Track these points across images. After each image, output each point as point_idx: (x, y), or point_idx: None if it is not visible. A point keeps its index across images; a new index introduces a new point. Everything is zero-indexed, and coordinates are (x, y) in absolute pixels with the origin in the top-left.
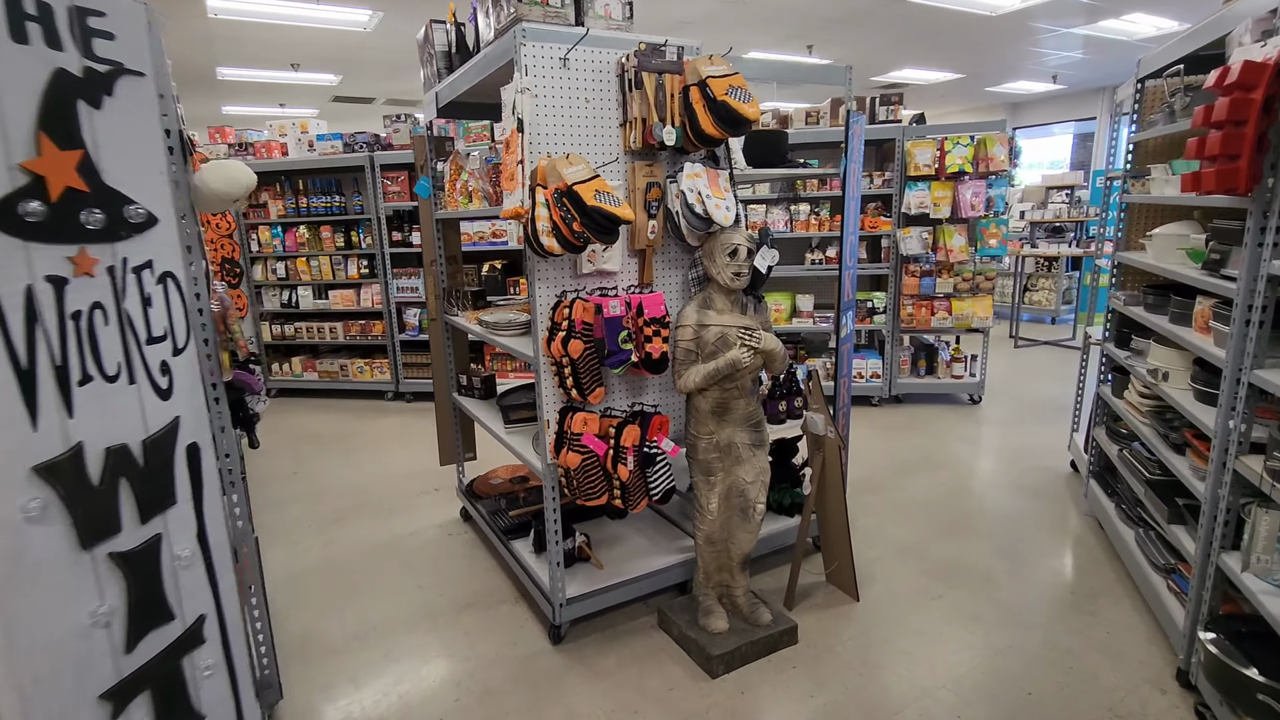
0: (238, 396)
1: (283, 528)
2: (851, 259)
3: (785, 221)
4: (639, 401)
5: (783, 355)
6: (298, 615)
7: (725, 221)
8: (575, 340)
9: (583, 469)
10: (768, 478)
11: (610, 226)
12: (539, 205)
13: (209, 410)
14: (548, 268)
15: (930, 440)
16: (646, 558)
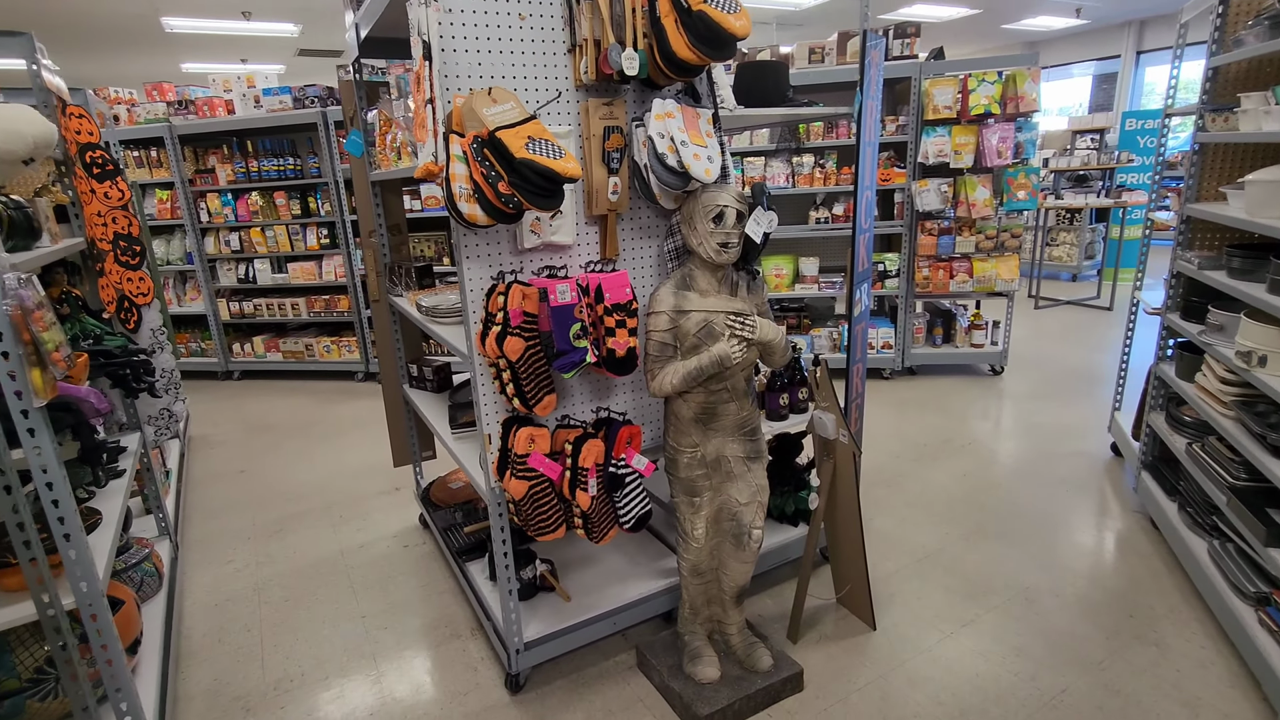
0: (76, 421)
1: (216, 542)
2: (868, 218)
3: (786, 175)
4: (605, 406)
5: (783, 346)
6: (211, 660)
7: (706, 176)
8: (513, 337)
9: (531, 498)
10: (765, 496)
11: (548, 186)
12: (455, 160)
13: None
14: (479, 242)
15: (949, 419)
16: (624, 583)
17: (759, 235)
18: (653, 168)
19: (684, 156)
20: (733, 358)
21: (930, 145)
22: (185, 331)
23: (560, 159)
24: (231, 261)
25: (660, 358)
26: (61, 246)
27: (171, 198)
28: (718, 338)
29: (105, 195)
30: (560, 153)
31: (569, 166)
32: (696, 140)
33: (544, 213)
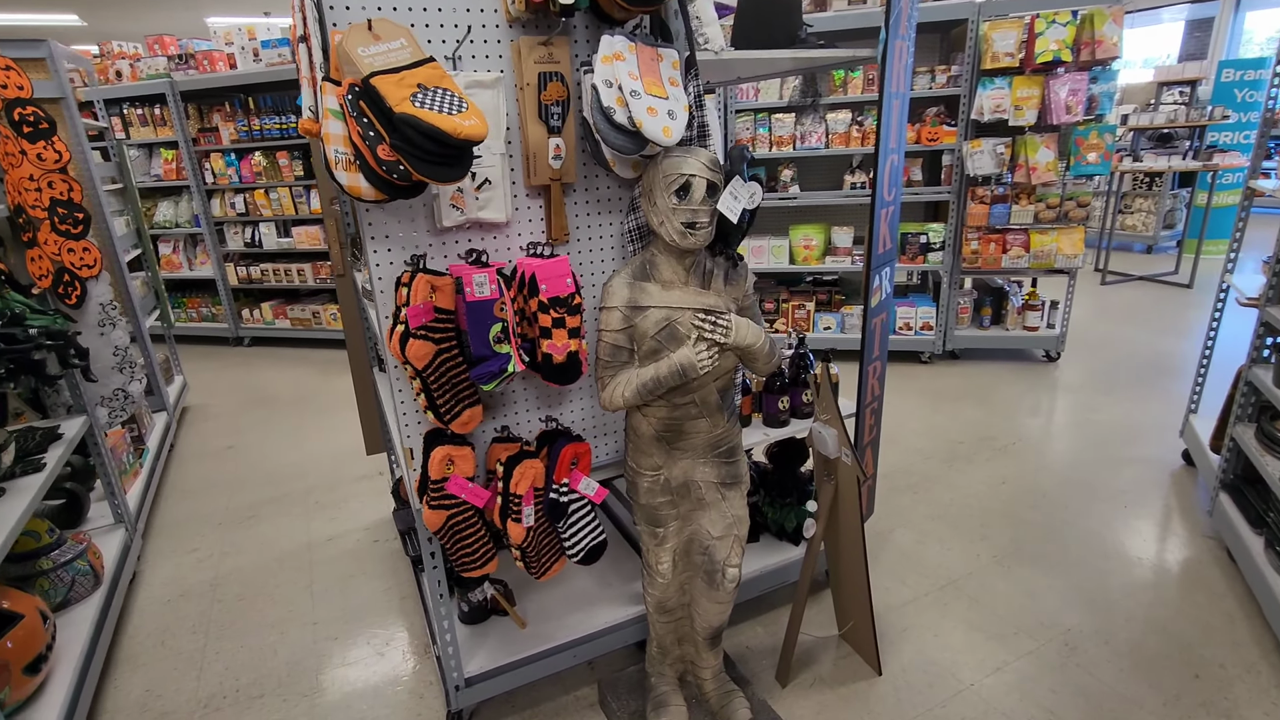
0: None
1: (185, 528)
2: (892, 187)
3: (820, 135)
4: (553, 416)
5: (768, 351)
6: (149, 666)
7: (664, 137)
8: (417, 341)
9: (451, 531)
10: (744, 529)
11: (441, 151)
12: (329, 115)
13: None
14: (388, 219)
15: (991, 414)
16: (591, 609)
17: (736, 213)
18: (596, 125)
19: (635, 111)
20: (699, 366)
21: (987, 99)
22: (196, 296)
23: (455, 114)
24: (238, 225)
25: (612, 364)
26: None
27: (176, 158)
28: (681, 341)
29: (39, 157)
30: (458, 105)
31: (464, 125)
32: (654, 89)
33: (442, 185)
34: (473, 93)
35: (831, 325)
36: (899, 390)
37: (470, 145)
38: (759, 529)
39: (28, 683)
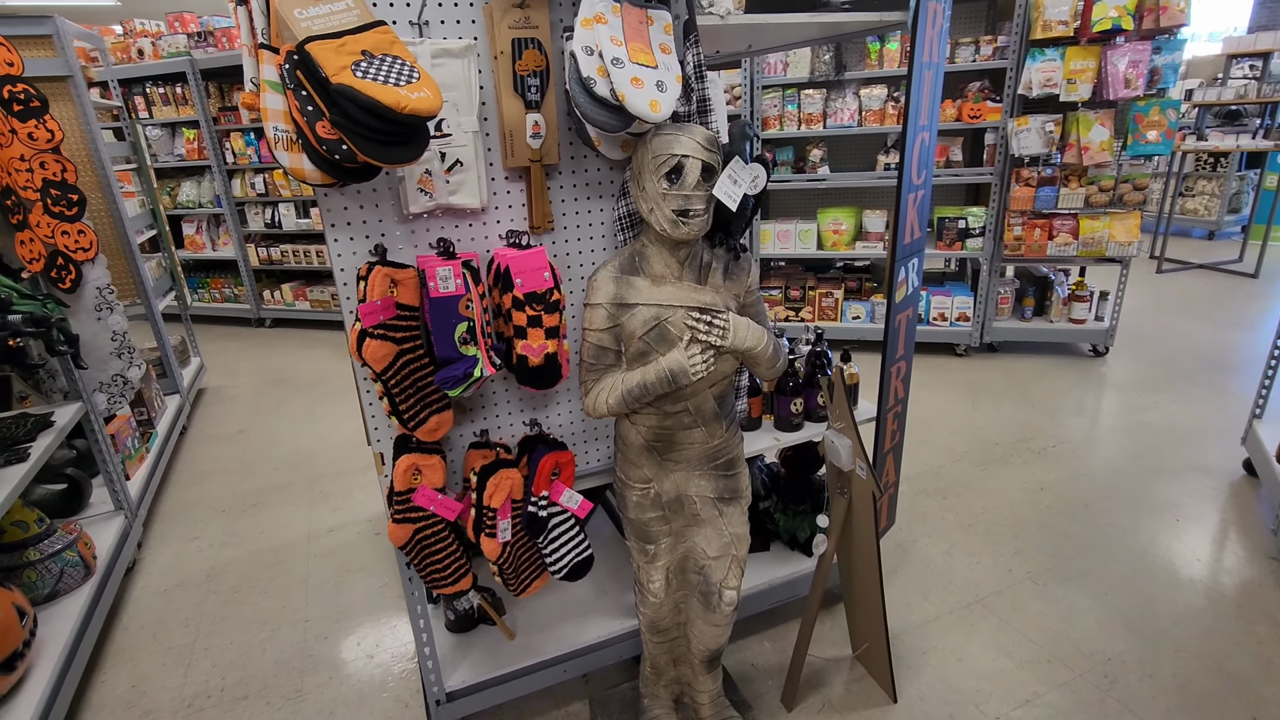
0: None
1: (189, 514)
2: (922, 170)
3: (853, 113)
4: (537, 420)
5: (771, 354)
6: (137, 660)
7: (651, 112)
8: (374, 341)
9: (418, 547)
10: (744, 549)
11: (386, 128)
12: (267, 88)
13: None
14: (349, 204)
15: (1031, 412)
16: (584, 620)
17: (735, 199)
18: (575, 99)
19: (617, 82)
20: (691, 372)
21: (1036, 72)
22: (219, 277)
23: (402, 85)
24: (258, 205)
25: (596, 366)
26: None
27: (198, 137)
28: (672, 343)
29: (30, 136)
30: (406, 76)
31: (409, 97)
32: (641, 57)
33: (393, 167)
34: (440, 63)
35: (861, 315)
36: (931, 384)
37: (419, 121)
38: (769, 537)
39: (2, 681)
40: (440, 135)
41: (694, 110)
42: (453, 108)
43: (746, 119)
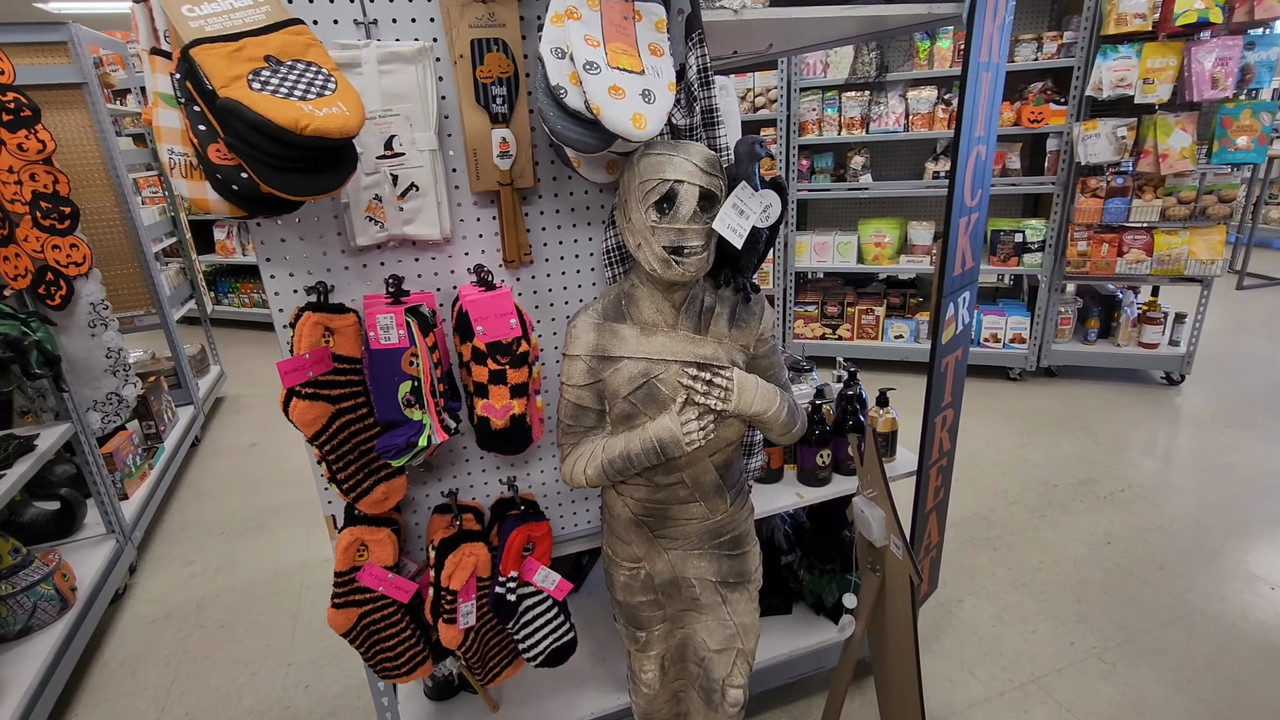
0: None
1: (187, 535)
2: (977, 190)
3: (899, 116)
4: (515, 479)
5: (784, 418)
6: (111, 702)
7: (633, 129)
8: (301, 401)
9: (366, 634)
10: (752, 642)
11: (290, 154)
12: (160, 101)
13: None
14: (284, 233)
15: (1095, 449)
16: (578, 691)
17: (740, 233)
18: (543, 112)
19: (591, 92)
20: (685, 442)
21: (1107, 71)
22: (248, 282)
23: (308, 99)
24: None
25: (574, 428)
26: None
27: None
28: (663, 405)
29: (19, 147)
30: (317, 88)
31: (314, 115)
32: (623, 61)
33: (304, 200)
34: (390, 69)
35: (904, 334)
36: (980, 413)
37: (328, 144)
38: (792, 598)
39: None
40: (391, 155)
41: (697, 123)
42: (405, 122)
43: (756, 136)
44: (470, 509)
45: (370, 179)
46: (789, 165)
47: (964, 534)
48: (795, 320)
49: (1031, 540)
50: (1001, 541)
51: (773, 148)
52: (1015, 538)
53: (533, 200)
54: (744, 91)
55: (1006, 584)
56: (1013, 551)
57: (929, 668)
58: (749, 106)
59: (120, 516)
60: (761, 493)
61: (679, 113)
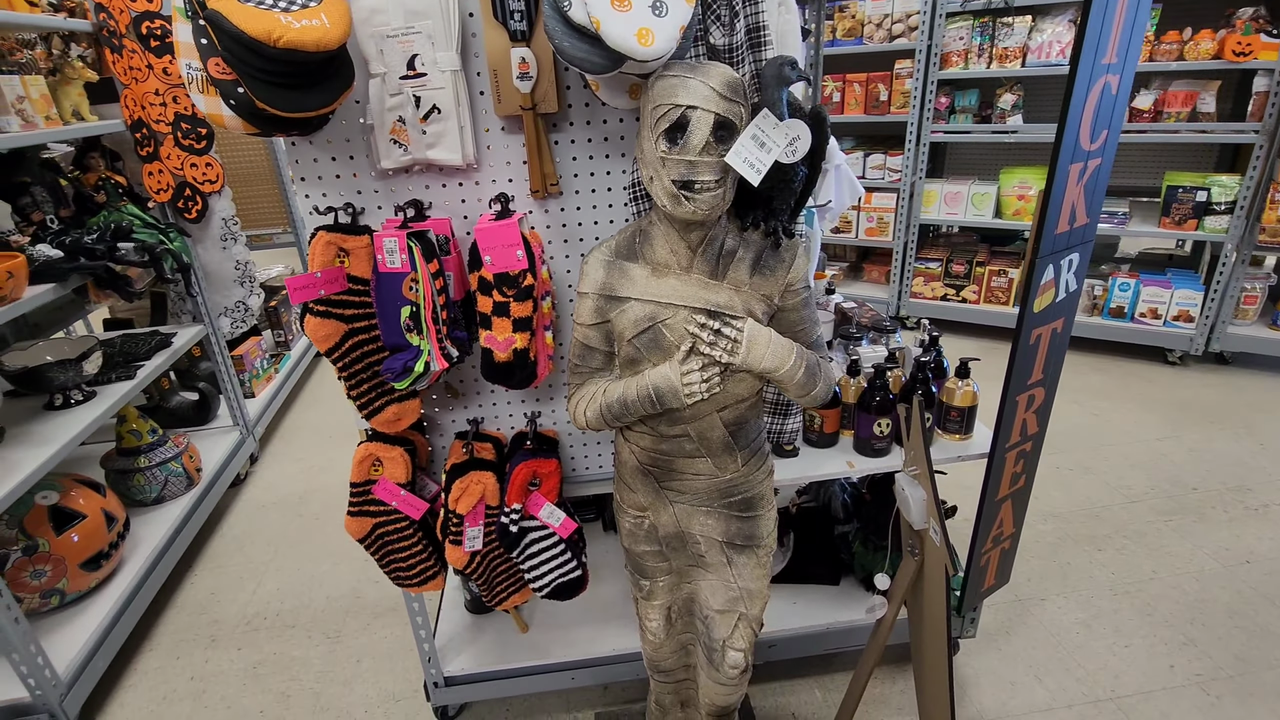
0: None
1: (300, 436)
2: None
3: (1064, 47)
4: (538, 413)
5: (801, 378)
6: (221, 571)
7: (638, 46)
8: (314, 317)
9: (379, 542)
10: (758, 607)
11: (273, 67)
12: (178, 15)
13: None
14: (315, 153)
15: (1259, 452)
16: (604, 626)
17: (759, 169)
18: (547, 27)
19: (593, 4)
20: (684, 393)
21: None
22: None
23: (290, 10)
24: None
25: (581, 368)
26: (61, 130)
27: None
28: (668, 352)
29: (164, 72)
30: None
31: (289, 28)
32: None
33: (294, 115)
34: None
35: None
36: (1119, 396)
37: (304, 58)
38: (842, 570)
39: (87, 577)
40: (414, 75)
41: (739, 43)
42: (427, 41)
43: (788, 56)
44: (492, 439)
45: (394, 100)
46: (923, 103)
47: (1065, 528)
48: (914, 278)
49: (1149, 546)
50: (1109, 542)
51: (907, 82)
52: (1128, 540)
53: (563, 128)
54: (881, 18)
55: (1104, 588)
56: (1121, 555)
57: (990, 665)
58: (885, 35)
59: (244, 412)
60: (809, 456)
61: (718, 30)
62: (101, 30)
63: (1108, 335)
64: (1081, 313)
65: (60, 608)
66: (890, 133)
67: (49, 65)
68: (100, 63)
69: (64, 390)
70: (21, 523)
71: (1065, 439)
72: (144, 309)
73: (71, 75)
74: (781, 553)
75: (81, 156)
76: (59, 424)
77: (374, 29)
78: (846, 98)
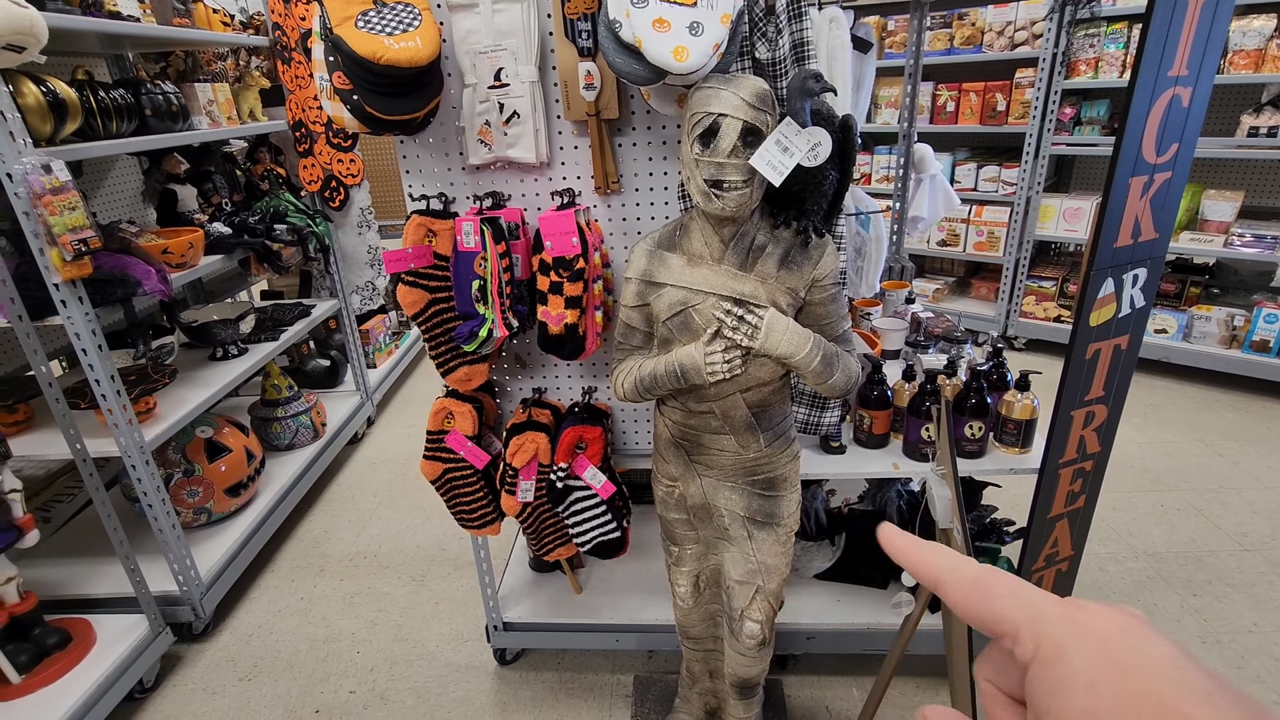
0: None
1: (412, 406)
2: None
3: None
4: (594, 387)
5: (818, 366)
6: (335, 512)
7: (674, 61)
8: (405, 286)
9: (448, 484)
10: (775, 582)
11: (378, 80)
12: (316, 38)
13: None
14: (419, 150)
15: None
16: (652, 596)
17: (781, 171)
18: (602, 44)
19: (636, 24)
20: (706, 371)
21: None
22: None
23: (394, 34)
24: None
25: (624, 345)
26: (191, 133)
27: None
28: (696, 335)
29: None
30: (404, 25)
31: (390, 48)
32: None
33: (396, 119)
34: (501, 8)
35: (1170, 329)
36: (1257, 439)
37: (400, 72)
38: (891, 575)
39: (229, 501)
40: (499, 85)
41: (783, 57)
42: (511, 56)
43: (813, 70)
44: (551, 407)
45: (483, 106)
46: (1044, 113)
47: (1159, 568)
48: (1025, 296)
49: (1255, 597)
50: (1208, 589)
51: (1028, 92)
52: (1231, 589)
53: (626, 132)
54: (1003, 25)
55: (1192, 635)
56: (1220, 603)
57: None
58: (1007, 43)
59: (366, 380)
60: (857, 455)
61: (764, 46)
62: (276, 45)
63: (1249, 371)
64: (1218, 345)
65: (208, 524)
66: (1008, 144)
67: (236, 74)
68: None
69: (224, 345)
70: (185, 450)
71: (1179, 476)
72: (293, 284)
73: (250, 83)
74: (831, 551)
75: (252, 151)
76: (219, 372)
77: (469, 46)
78: (961, 107)
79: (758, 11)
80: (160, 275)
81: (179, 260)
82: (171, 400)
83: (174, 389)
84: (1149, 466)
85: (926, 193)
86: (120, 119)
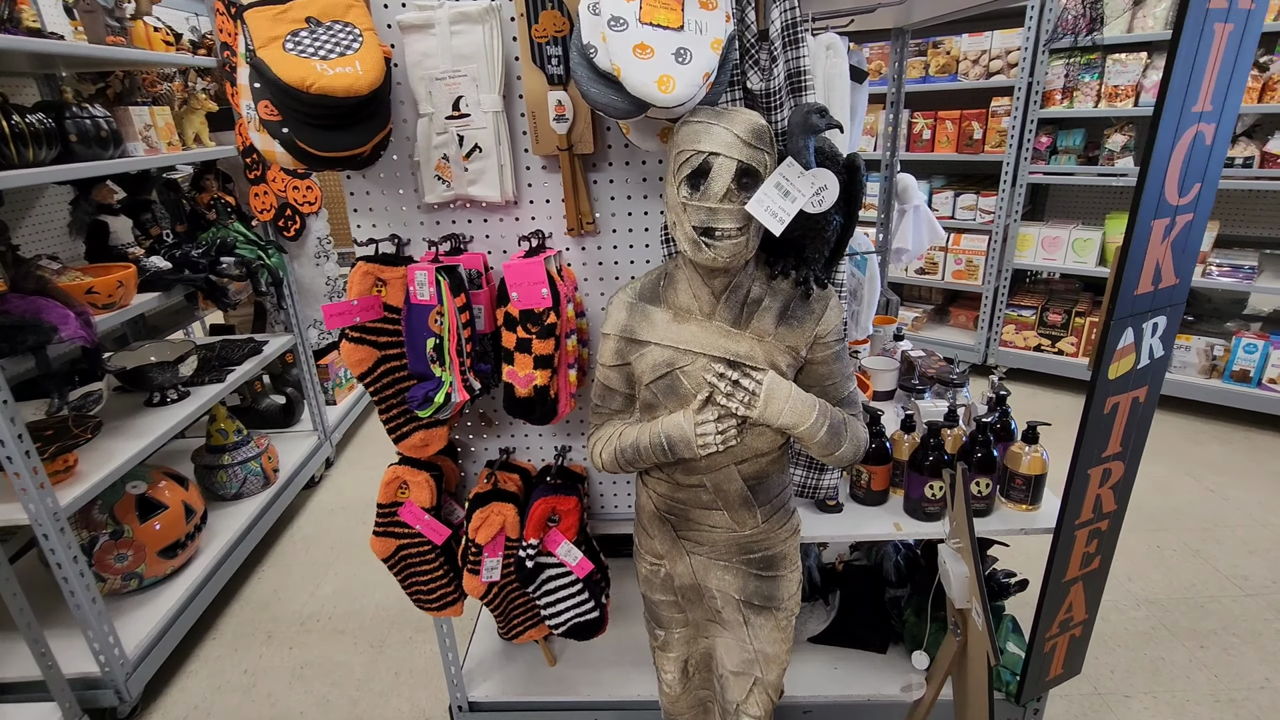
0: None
1: (374, 446)
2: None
3: None
4: (568, 446)
5: (823, 434)
6: (289, 568)
7: (659, 93)
8: (349, 343)
9: (402, 563)
10: (775, 673)
11: (312, 111)
12: (241, 61)
13: None
14: (368, 185)
15: None
16: (636, 669)
17: (782, 218)
18: (574, 72)
19: (614, 51)
20: (697, 444)
21: None
22: None
23: (329, 59)
24: None
25: (601, 409)
26: (130, 160)
27: None
28: (685, 400)
29: None
30: (341, 48)
31: (322, 75)
32: (658, 16)
33: (331, 155)
34: (459, 30)
35: None
36: (1245, 472)
37: (334, 103)
38: (891, 637)
39: (164, 564)
40: (458, 116)
41: (777, 88)
42: (472, 83)
43: (817, 104)
44: (521, 470)
45: (440, 138)
46: (1021, 142)
47: (1162, 616)
48: (1005, 325)
49: (1263, 649)
50: (1215, 639)
51: (1004, 120)
52: (1239, 640)
53: (602, 168)
54: (978, 54)
55: (1204, 693)
56: (1228, 655)
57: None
58: (982, 71)
59: (324, 418)
60: (854, 513)
61: (756, 75)
62: (224, 66)
63: (1230, 401)
64: (1199, 374)
65: (138, 590)
66: (984, 172)
67: (183, 96)
68: (223, 94)
69: (162, 389)
70: (113, 509)
71: (1172, 516)
72: (247, 316)
73: (196, 106)
74: (825, 611)
75: (198, 178)
76: (154, 420)
77: (424, 72)
78: (938, 135)
79: (749, 37)
80: (81, 319)
81: (106, 300)
82: (97, 455)
83: (101, 441)
84: (1141, 504)
85: (911, 223)
86: (39, 145)
